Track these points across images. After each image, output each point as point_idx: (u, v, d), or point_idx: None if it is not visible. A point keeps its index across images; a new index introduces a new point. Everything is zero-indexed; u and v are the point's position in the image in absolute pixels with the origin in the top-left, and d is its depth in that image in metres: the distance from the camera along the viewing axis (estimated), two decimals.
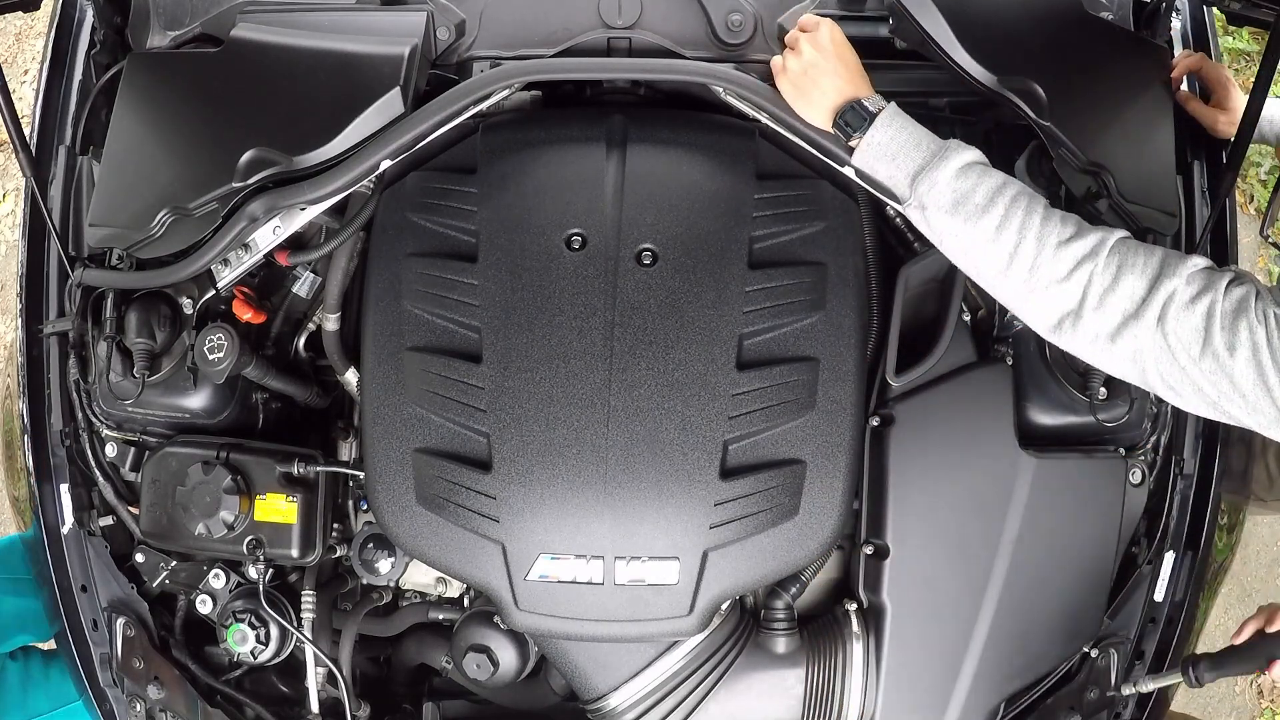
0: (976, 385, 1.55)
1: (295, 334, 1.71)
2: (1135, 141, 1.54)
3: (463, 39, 1.65)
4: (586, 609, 1.40)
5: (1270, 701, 2.93)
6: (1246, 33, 3.36)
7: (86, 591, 1.64)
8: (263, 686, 1.76)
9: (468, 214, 1.52)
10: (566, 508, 1.39)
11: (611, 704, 1.49)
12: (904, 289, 1.48)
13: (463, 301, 1.46)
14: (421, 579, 1.70)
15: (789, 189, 1.54)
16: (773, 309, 1.46)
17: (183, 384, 1.56)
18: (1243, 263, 2.48)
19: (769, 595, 1.56)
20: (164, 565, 1.66)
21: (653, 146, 1.55)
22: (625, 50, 1.64)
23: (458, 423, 1.42)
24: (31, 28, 3.61)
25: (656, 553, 1.39)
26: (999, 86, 1.43)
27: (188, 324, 1.57)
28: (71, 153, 1.70)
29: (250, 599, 1.57)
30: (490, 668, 1.58)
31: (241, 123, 1.51)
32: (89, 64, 1.74)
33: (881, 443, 1.52)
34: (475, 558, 1.41)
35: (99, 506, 1.67)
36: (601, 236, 1.47)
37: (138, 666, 1.59)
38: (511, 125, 1.61)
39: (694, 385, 1.41)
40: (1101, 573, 1.56)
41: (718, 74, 1.47)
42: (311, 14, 1.62)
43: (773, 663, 1.52)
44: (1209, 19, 1.82)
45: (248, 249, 1.52)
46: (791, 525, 1.41)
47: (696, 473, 1.39)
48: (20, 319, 1.70)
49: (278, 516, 1.55)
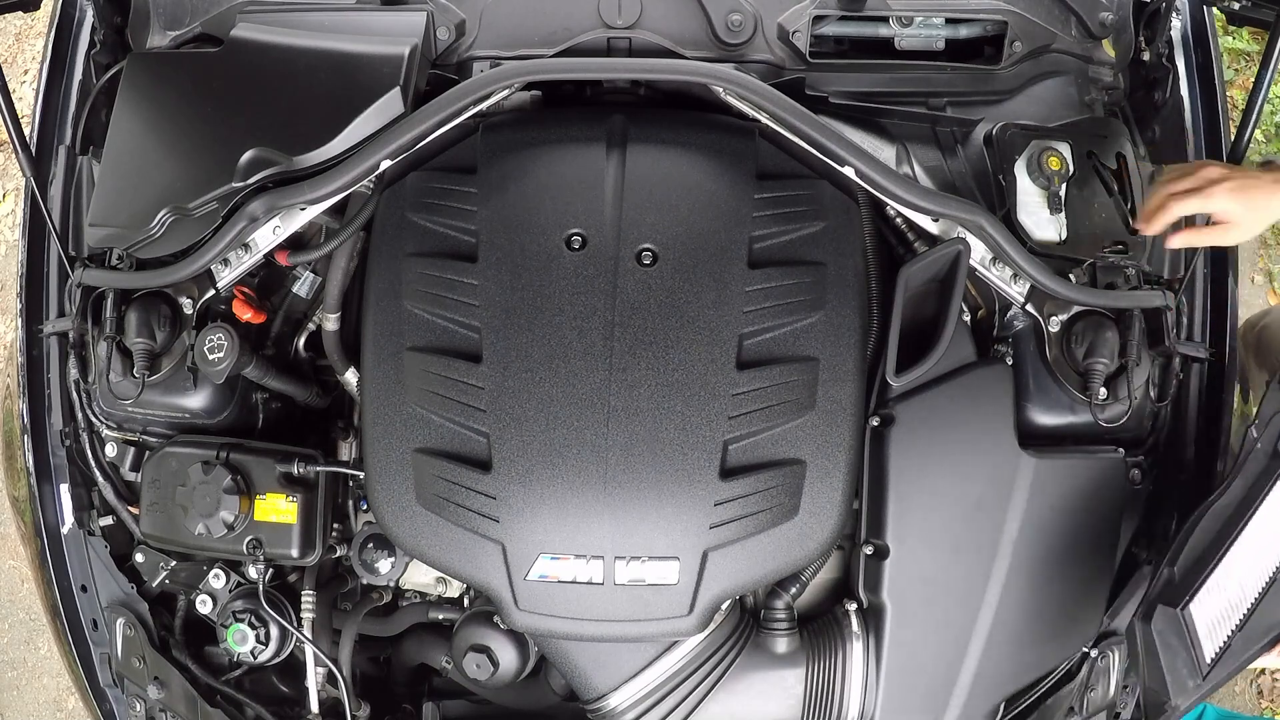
0: (977, 385, 1.54)
1: (295, 334, 1.71)
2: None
3: (463, 39, 1.65)
4: (586, 609, 1.40)
5: (1270, 701, 2.93)
6: (1246, 33, 3.36)
7: (86, 591, 1.64)
8: (263, 686, 1.75)
9: (468, 214, 1.52)
10: (566, 508, 1.39)
11: (611, 704, 1.49)
12: (904, 289, 1.48)
13: (463, 301, 1.46)
14: (421, 579, 1.70)
15: (789, 189, 1.54)
16: (773, 309, 1.45)
17: (183, 384, 1.56)
18: (1243, 263, 2.48)
19: (769, 595, 1.56)
20: (164, 565, 1.66)
21: (653, 146, 1.55)
22: (625, 50, 1.64)
23: (458, 423, 1.42)
24: (31, 28, 3.61)
25: (656, 553, 1.39)
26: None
27: (188, 324, 1.56)
28: (71, 153, 1.70)
29: (250, 599, 1.57)
30: (490, 668, 1.58)
31: (241, 123, 1.51)
32: (89, 64, 1.74)
33: (882, 443, 1.52)
34: (475, 558, 1.41)
35: (99, 506, 1.67)
36: (601, 236, 1.47)
37: (138, 666, 1.59)
38: (511, 125, 1.61)
39: (694, 385, 1.41)
40: (1102, 572, 1.55)
41: (718, 74, 1.47)
42: (311, 14, 1.62)
43: (773, 663, 1.52)
44: (1209, 19, 1.82)
45: (248, 249, 1.52)
46: (791, 525, 1.41)
47: (696, 473, 1.39)
48: (20, 319, 1.70)
49: (278, 516, 1.54)
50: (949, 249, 1.47)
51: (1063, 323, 1.56)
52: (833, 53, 1.72)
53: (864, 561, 1.53)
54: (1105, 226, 1.54)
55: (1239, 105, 3.19)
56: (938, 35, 1.70)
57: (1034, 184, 1.54)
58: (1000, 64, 1.68)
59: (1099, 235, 1.54)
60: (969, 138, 1.64)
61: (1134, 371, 1.54)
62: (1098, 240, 1.53)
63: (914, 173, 1.62)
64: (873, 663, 1.50)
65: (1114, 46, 1.77)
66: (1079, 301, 1.53)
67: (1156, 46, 1.73)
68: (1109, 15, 1.72)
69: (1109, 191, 1.57)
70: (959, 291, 1.48)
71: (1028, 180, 1.54)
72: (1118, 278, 1.54)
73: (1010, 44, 1.67)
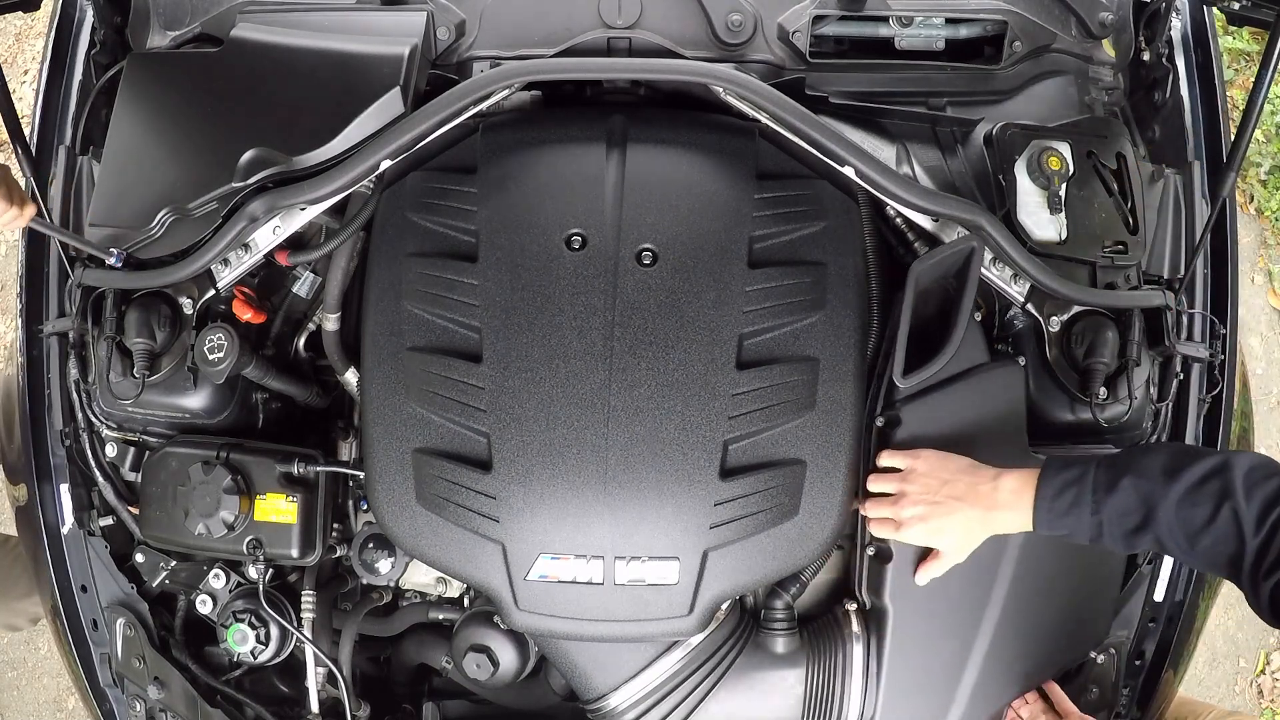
0: (988, 386, 1.51)
1: (295, 334, 1.71)
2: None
3: (463, 39, 1.65)
4: (586, 609, 1.40)
5: (1270, 701, 2.93)
6: (1246, 33, 3.36)
7: (86, 591, 1.64)
8: (263, 686, 1.76)
9: (468, 214, 1.52)
10: (566, 508, 1.39)
11: (611, 704, 1.49)
12: (914, 287, 1.45)
13: (463, 301, 1.46)
14: (421, 579, 1.70)
15: (789, 189, 1.53)
16: (773, 309, 1.45)
17: (183, 384, 1.56)
18: (1243, 263, 2.49)
19: (769, 595, 1.56)
20: (164, 565, 1.66)
21: (653, 146, 1.55)
22: (625, 50, 1.64)
23: (458, 423, 1.42)
24: (31, 28, 3.61)
25: (656, 553, 1.39)
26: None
27: (188, 324, 1.56)
28: (71, 153, 1.70)
29: (250, 599, 1.57)
30: (490, 668, 1.58)
31: (241, 123, 1.51)
32: (89, 64, 1.74)
33: (887, 444, 1.50)
34: (475, 558, 1.41)
35: (99, 506, 1.67)
36: (601, 236, 1.47)
37: (138, 666, 1.59)
38: (512, 125, 1.61)
39: (694, 385, 1.41)
40: (1110, 577, 1.54)
41: (718, 74, 1.47)
42: (311, 14, 1.62)
43: (773, 663, 1.52)
44: (1209, 19, 1.82)
45: (248, 249, 1.52)
46: (791, 525, 1.41)
47: (696, 473, 1.39)
48: (20, 319, 1.70)
49: (278, 516, 1.54)
50: (962, 246, 1.45)
51: (1063, 323, 1.56)
52: (833, 53, 1.72)
53: (867, 563, 1.52)
54: (1105, 226, 1.54)
55: (1239, 105, 3.19)
56: (938, 35, 1.70)
57: (1034, 184, 1.54)
58: (1000, 64, 1.68)
59: (1099, 235, 1.54)
60: (969, 138, 1.64)
61: (1134, 371, 1.54)
62: (1098, 240, 1.53)
63: (914, 173, 1.62)
64: (873, 664, 1.49)
65: (1114, 46, 1.77)
66: (1079, 301, 1.53)
67: (1156, 46, 1.73)
68: (1109, 15, 1.72)
69: (1109, 191, 1.57)
70: (971, 290, 1.45)
71: (1028, 180, 1.54)
72: (1118, 278, 1.54)
73: (1010, 44, 1.67)
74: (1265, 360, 3.23)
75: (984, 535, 1.38)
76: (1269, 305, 3.29)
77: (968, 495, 1.36)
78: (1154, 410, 1.60)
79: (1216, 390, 1.64)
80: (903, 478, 1.41)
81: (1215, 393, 1.64)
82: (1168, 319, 1.55)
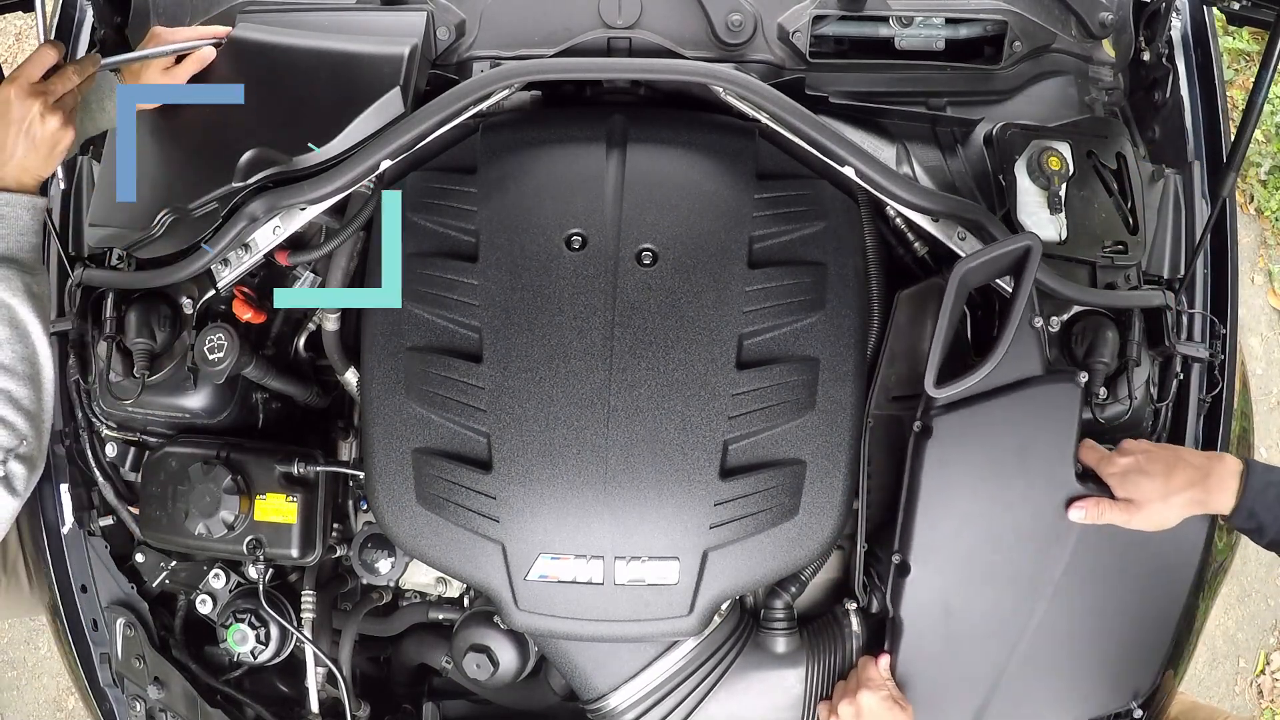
0: (1039, 404, 1.39)
1: (295, 334, 1.71)
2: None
3: (463, 39, 1.65)
4: (586, 609, 1.40)
5: (1270, 701, 2.93)
6: (1246, 33, 3.36)
7: (86, 591, 1.64)
8: (263, 686, 1.76)
9: (468, 214, 1.52)
10: (566, 508, 1.39)
11: (611, 704, 1.49)
12: (960, 288, 1.34)
13: (463, 301, 1.46)
14: (421, 579, 1.70)
15: (789, 189, 1.53)
16: (773, 309, 1.45)
17: (183, 384, 1.56)
18: (1243, 263, 2.48)
19: (769, 595, 1.56)
20: (164, 565, 1.66)
21: (653, 146, 1.55)
22: (625, 50, 1.64)
23: (458, 422, 1.42)
24: (31, 28, 3.61)
25: (656, 553, 1.39)
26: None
27: (188, 324, 1.56)
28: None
29: (250, 599, 1.57)
30: (490, 668, 1.58)
31: (241, 123, 1.51)
32: None
33: (918, 455, 1.43)
34: (475, 558, 1.41)
35: (99, 506, 1.67)
36: (601, 236, 1.47)
37: (138, 666, 1.59)
38: (511, 125, 1.61)
39: (694, 385, 1.41)
40: (1163, 619, 1.42)
41: (718, 74, 1.47)
42: (311, 14, 1.62)
43: (773, 663, 1.52)
44: (1209, 19, 1.82)
45: (248, 249, 1.52)
46: (791, 525, 1.41)
47: (696, 473, 1.39)
48: None
49: (278, 516, 1.54)
50: (1016, 244, 1.35)
51: (1063, 323, 1.56)
52: (833, 53, 1.72)
53: (891, 571, 1.45)
54: (1105, 226, 1.55)
55: (1239, 105, 3.19)
56: (938, 35, 1.70)
57: (1034, 184, 1.54)
58: (1000, 64, 1.68)
59: (1099, 235, 1.54)
60: (969, 138, 1.64)
61: (1134, 371, 1.54)
62: (1098, 240, 1.53)
63: (914, 173, 1.62)
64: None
65: (1114, 46, 1.77)
66: (1079, 301, 1.53)
67: (1156, 46, 1.73)
68: (1109, 15, 1.72)
69: (1109, 191, 1.57)
70: (1024, 295, 1.35)
71: (1028, 180, 1.54)
72: (1118, 278, 1.54)
73: (1010, 44, 1.67)
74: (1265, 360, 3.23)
75: (1193, 509, 1.36)
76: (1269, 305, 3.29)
77: (1192, 468, 1.36)
78: (1154, 410, 1.60)
79: (1216, 390, 1.64)
80: (1122, 451, 1.40)
81: (1215, 393, 1.64)
82: (1168, 319, 1.55)
